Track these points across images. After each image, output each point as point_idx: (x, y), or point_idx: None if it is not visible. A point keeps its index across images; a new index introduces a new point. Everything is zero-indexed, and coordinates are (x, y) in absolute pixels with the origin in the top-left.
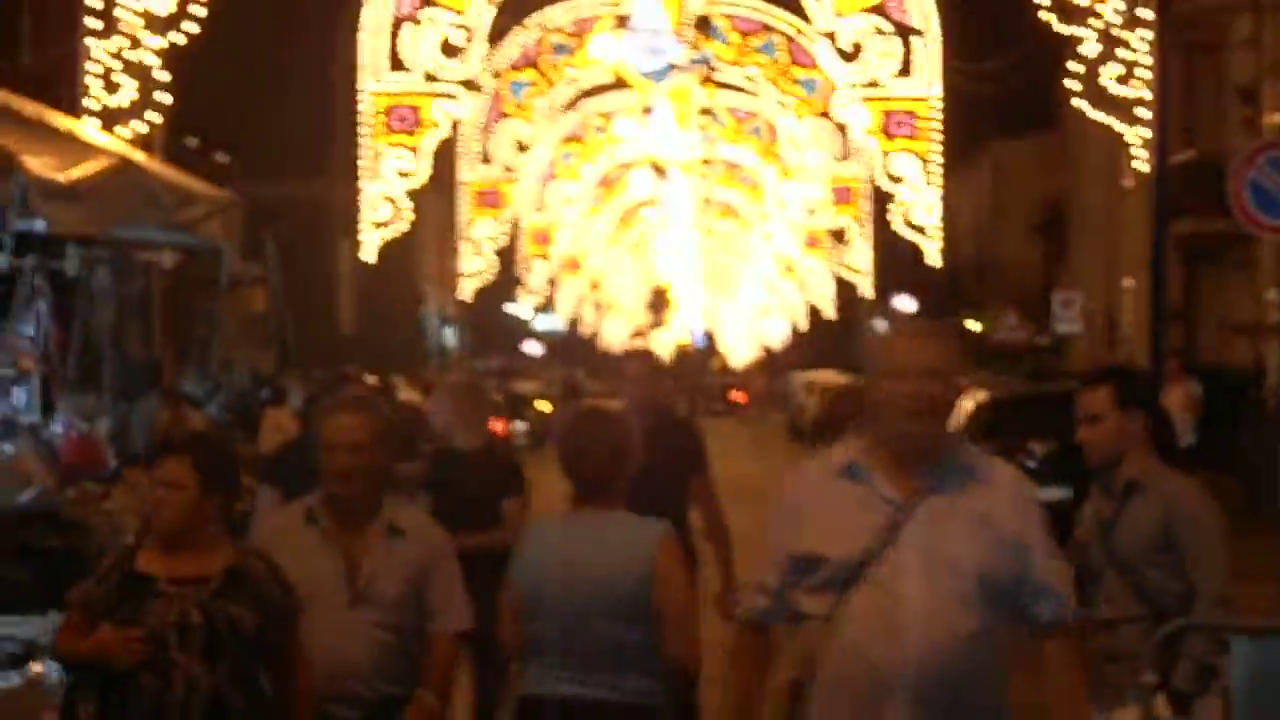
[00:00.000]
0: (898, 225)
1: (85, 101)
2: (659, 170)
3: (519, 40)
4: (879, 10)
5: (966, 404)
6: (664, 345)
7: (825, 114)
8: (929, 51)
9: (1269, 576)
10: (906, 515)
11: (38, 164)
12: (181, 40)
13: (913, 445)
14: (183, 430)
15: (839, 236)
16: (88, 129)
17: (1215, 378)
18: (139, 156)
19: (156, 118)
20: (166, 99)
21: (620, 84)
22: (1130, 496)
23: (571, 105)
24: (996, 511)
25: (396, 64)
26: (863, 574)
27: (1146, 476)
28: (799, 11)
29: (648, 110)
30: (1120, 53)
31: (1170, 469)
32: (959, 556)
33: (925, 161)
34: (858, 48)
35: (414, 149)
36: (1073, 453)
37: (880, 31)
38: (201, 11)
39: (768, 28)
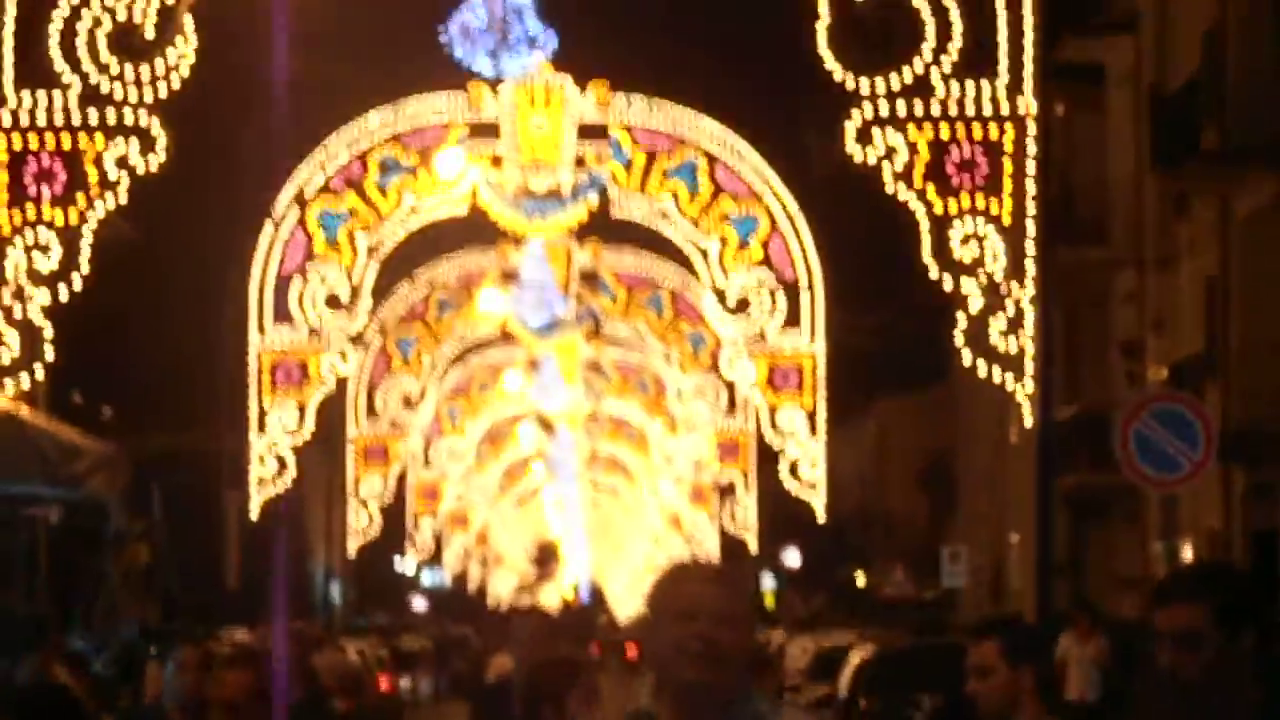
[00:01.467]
0: (785, 480)
1: None
2: (546, 425)
3: (406, 296)
4: (765, 264)
5: (854, 658)
6: (550, 599)
7: (712, 368)
8: (814, 305)
9: None
10: None
11: None
12: (65, 296)
13: (701, 695)
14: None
15: (725, 491)
16: None
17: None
18: (23, 411)
19: (40, 373)
20: (50, 355)
21: (507, 339)
22: None
23: (458, 360)
24: None
25: (282, 318)
26: None
27: None
28: (686, 266)
29: (534, 365)
30: (1006, 307)
31: None
32: None
33: (811, 416)
34: (744, 303)
35: (300, 405)
36: (960, 707)
37: (764, 286)
38: (86, 268)
39: (654, 283)
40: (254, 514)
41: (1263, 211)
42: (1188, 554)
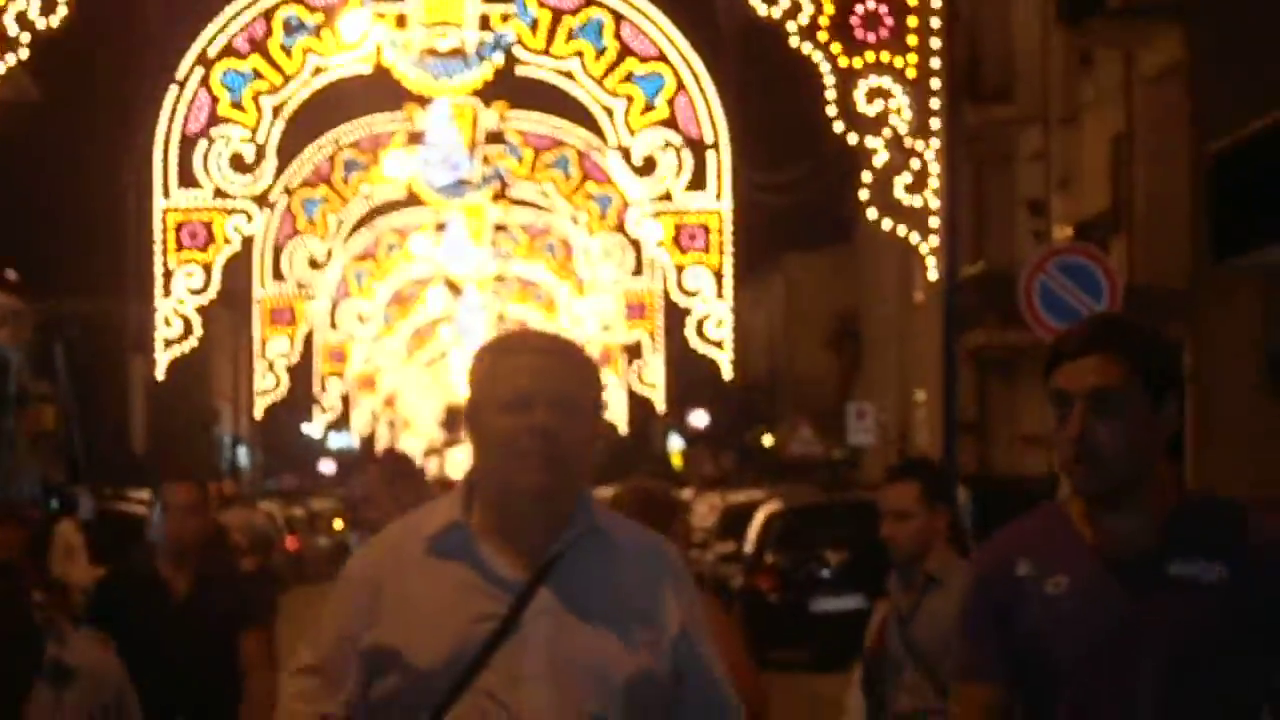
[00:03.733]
0: (691, 339)
1: None
2: (453, 287)
3: (312, 157)
4: (670, 124)
5: (760, 514)
6: (458, 463)
7: (619, 229)
8: (720, 164)
9: None
10: (526, 601)
11: None
12: None
13: (535, 504)
14: None
15: (633, 352)
16: None
17: (1010, 487)
18: None
19: None
20: None
21: (414, 200)
22: (929, 590)
23: (365, 222)
24: (647, 595)
25: (188, 180)
26: (465, 685)
27: (947, 571)
28: (593, 127)
29: (441, 227)
30: (911, 164)
31: (968, 563)
32: (599, 657)
33: (718, 275)
34: (650, 162)
35: (206, 265)
36: (866, 561)
37: (671, 145)
38: None
39: (561, 143)
40: (160, 374)
41: (1168, 68)
42: None
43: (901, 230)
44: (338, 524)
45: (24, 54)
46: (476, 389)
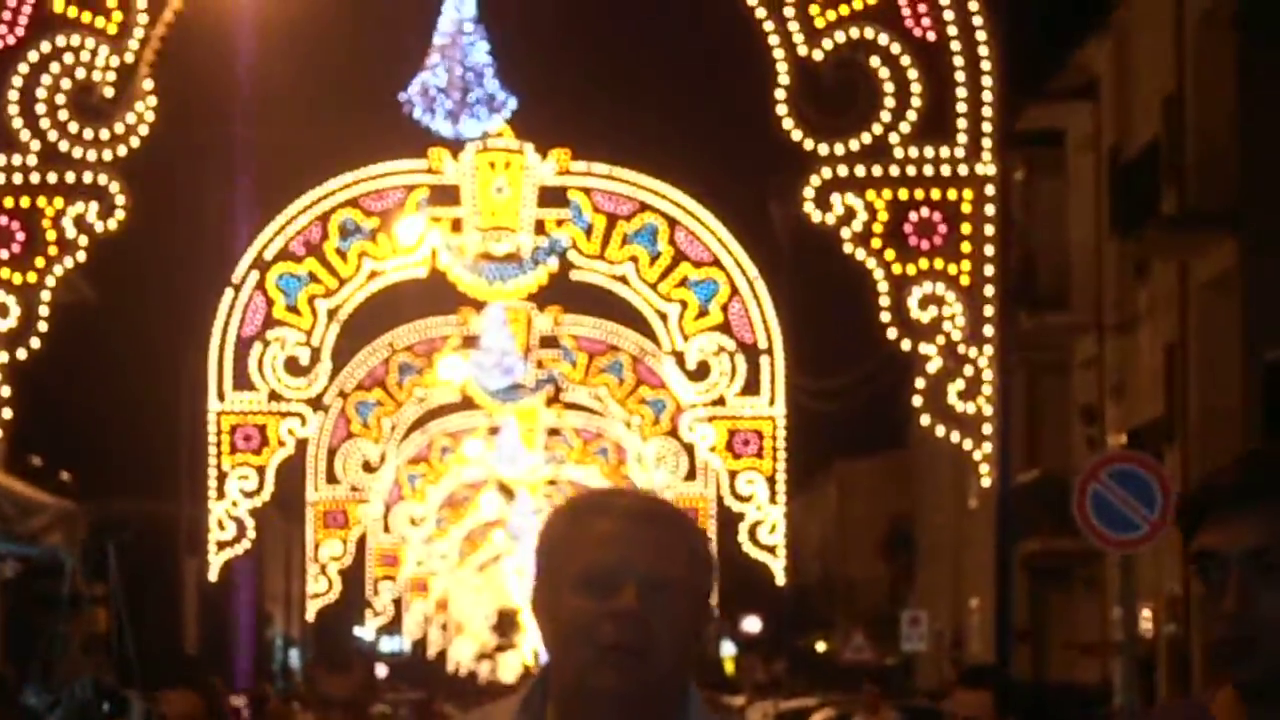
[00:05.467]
0: (744, 544)
1: None
2: (506, 491)
3: (366, 360)
4: (724, 329)
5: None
6: (510, 667)
7: (672, 433)
8: (774, 370)
9: None
10: None
11: None
12: (23, 356)
13: (618, 708)
14: None
15: None
16: None
17: (1064, 695)
18: None
19: None
20: (8, 414)
21: (468, 404)
22: None
23: (419, 426)
24: None
25: (243, 383)
26: None
27: None
28: (646, 332)
29: (495, 431)
30: (965, 371)
31: None
32: None
33: (771, 480)
34: (703, 367)
35: (260, 468)
36: None
37: (724, 350)
38: (45, 327)
39: (614, 348)
40: (213, 575)
41: (1221, 276)
42: (1147, 619)
43: (955, 437)
44: None
45: (81, 257)
46: (548, 560)
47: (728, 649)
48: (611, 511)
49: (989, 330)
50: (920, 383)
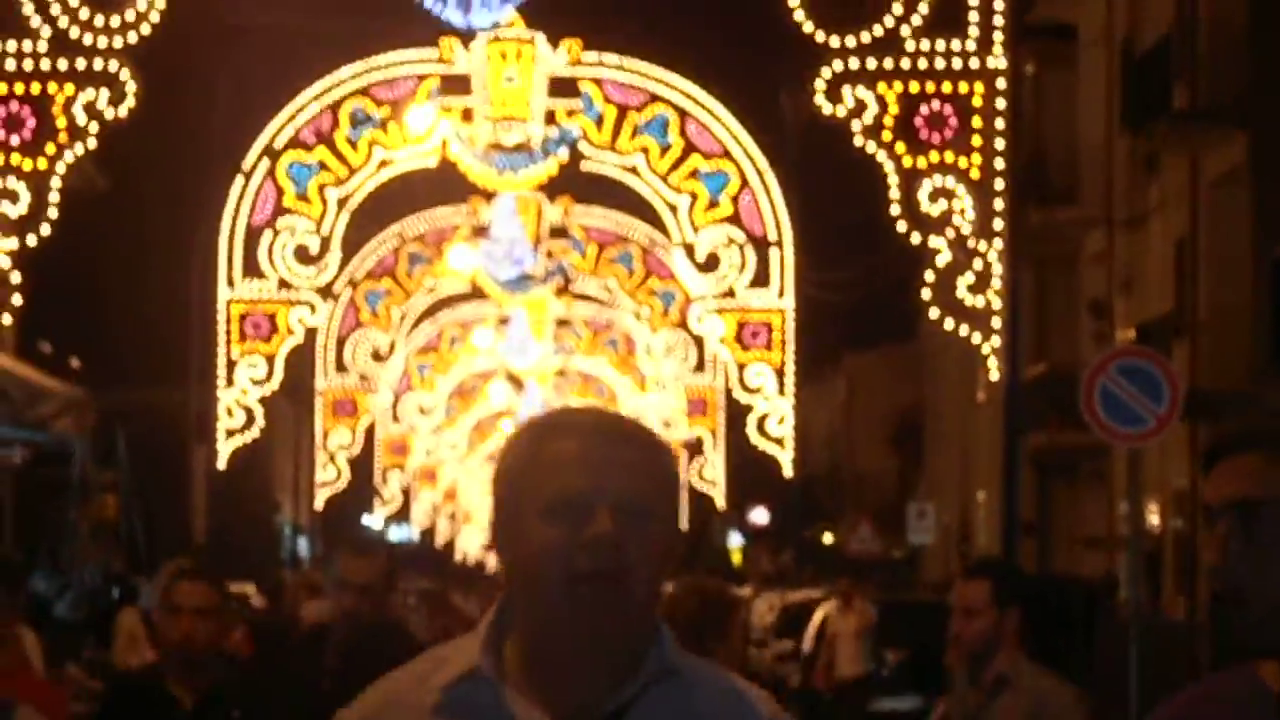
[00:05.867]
0: (752, 436)
1: None
2: (515, 382)
3: (376, 249)
4: (734, 221)
5: (819, 614)
6: None
7: (681, 325)
8: (783, 262)
9: None
10: None
11: None
12: (33, 242)
13: (590, 647)
14: None
15: (694, 448)
16: None
17: (1069, 589)
18: None
19: (7, 319)
20: (18, 300)
21: (477, 294)
22: (999, 692)
23: (428, 316)
24: None
25: (252, 271)
26: None
27: (1017, 673)
28: (656, 223)
29: (504, 321)
30: (974, 264)
31: (1040, 668)
32: None
33: (780, 372)
34: (713, 258)
35: (269, 356)
36: (924, 661)
37: (734, 242)
38: (55, 214)
39: (624, 239)
40: (221, 464)
41: (1232, 172)
42: (1153, 514)
43: (964, 330)
44: None
45: (92, 144)
46: (509, 487)
47: (735, 540)
48: (578, 431)
49: (998, 224)
50: (929, 276)
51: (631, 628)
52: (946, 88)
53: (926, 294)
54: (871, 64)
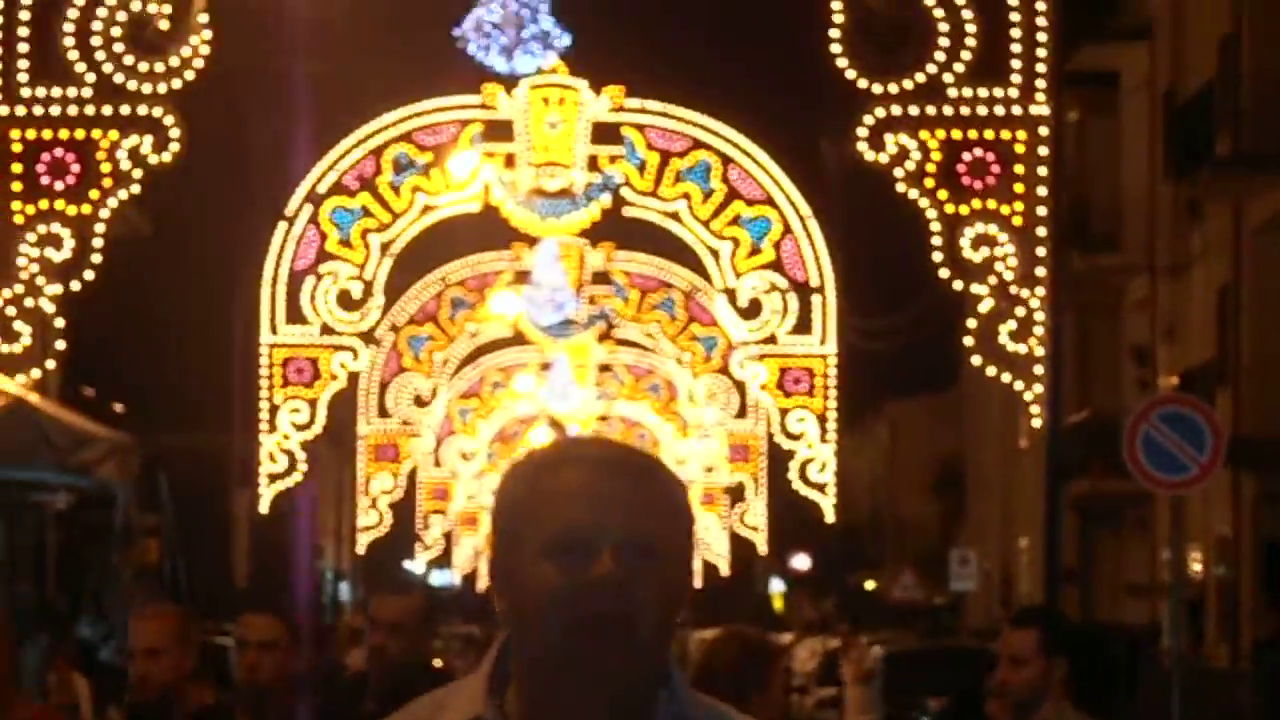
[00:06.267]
0: (794, 483)
1: None
2: (557, 426)
3: (419, 294)
4: (776, 267)
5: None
6: None
7: (723, 371)
8: (825, 308)
9: None
10: None
11: None
12: (77, 287)
13: (595, 691)
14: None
15: (735, 494)
16: None
17: (1113, 636)
18: (33, 399)
19: (51, 364)
20: (61, 345)
21: (519, 340)
22: None
23: (470, 361)
24: None
25: (295, 316)
26: None
27: None
28: (698, 269)
29: (546, 367)
30: (1016, 311)
31: (1086, 717)
32: None
33: (822, 419)
34: (755, 304)
35: (311, 401)
36: (966, 707)
37: (776, 288)
38: (99, 259)
39: (667, 284)
40: (264, 507)
41: (1276, 219)
42: (1196, 562)
43: (1006, 378)
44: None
45: (136, 189)
46: (509, 521)
47: (777, 586)
48: (581, 464)
49: (1041, 271)
50: (971, 323)
51: (639, 675)
52: (989, 134)
53: (969, 340)
54: (914, 110)
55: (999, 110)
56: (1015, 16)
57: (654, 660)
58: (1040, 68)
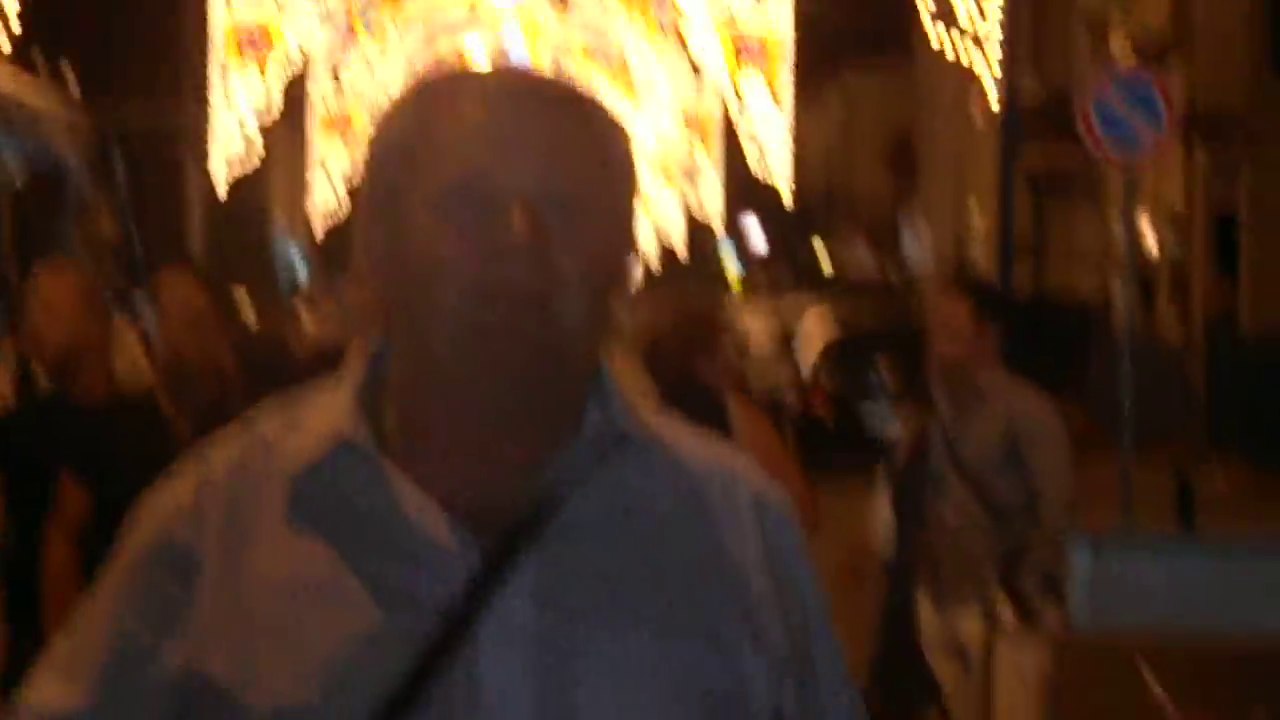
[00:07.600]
0: (748, 154)
1: None
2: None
3: None
4: None
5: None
6: None
7: (679, 43)
8: None
9: (1109, 500)
10: (486, 592)
11: None
12: None
13: (505, 400)
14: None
15: (690, 171)
16: None
17: (1061, 309)
18: None
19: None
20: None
21: (474, 15)
22: (978, 406)
23: (426, 42)
24: (722, 565)
25: None
26: None
27: (994, 387)
28: None
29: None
30: None
31: (1018, 382)
32: (632, 695)
33: (775, 90)
34: None
35: (262, 68)
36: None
37: None
38: None
39: None
40: (220, 190)
41: None
42: (1148, 233)
43: (962, 48)
44: None
45: None
46: (386, 168)
47: (733, 268)
48: (485, 94)
49: None
50: None
51: (560, 370)
52: None
53: (926, 11)
54: None
55: None
56: None
57: (577, 351)
58: None
